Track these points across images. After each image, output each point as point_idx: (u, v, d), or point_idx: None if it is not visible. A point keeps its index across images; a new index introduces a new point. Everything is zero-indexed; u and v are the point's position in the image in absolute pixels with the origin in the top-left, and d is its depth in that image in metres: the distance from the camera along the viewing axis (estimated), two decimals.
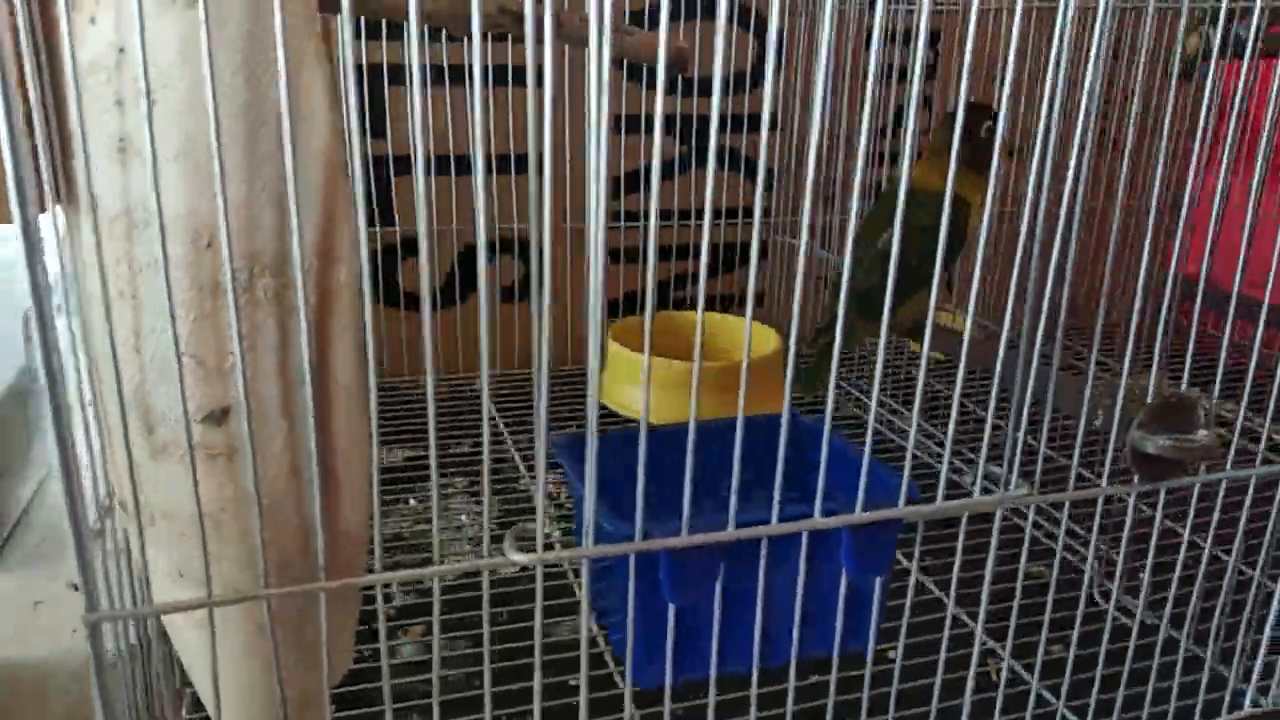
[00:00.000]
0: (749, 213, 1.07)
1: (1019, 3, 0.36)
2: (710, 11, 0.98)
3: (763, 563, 0.38)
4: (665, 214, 1.04)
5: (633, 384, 0.92)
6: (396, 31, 0.91)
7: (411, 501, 0.84)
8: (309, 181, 0.32)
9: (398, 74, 0.92)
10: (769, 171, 1.06)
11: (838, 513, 0.38)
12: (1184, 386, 0.44)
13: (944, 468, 0.40)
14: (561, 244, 1.02)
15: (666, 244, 1.05)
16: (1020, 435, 0.41)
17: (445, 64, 0.92)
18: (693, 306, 1.09)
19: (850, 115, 1.02)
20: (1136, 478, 0.42)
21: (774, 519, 0.37)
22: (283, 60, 0.28)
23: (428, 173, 0.95)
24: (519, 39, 0.76)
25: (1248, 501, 0.48)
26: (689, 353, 1.04)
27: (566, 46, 0.73)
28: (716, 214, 1.06)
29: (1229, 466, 0.46)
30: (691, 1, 0.97)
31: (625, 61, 0.93)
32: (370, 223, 0.95)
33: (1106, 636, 0.51)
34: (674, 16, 0.97)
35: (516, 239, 1.01)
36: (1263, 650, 0.53)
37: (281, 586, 0.33)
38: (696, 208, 1.05)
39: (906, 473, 0.39)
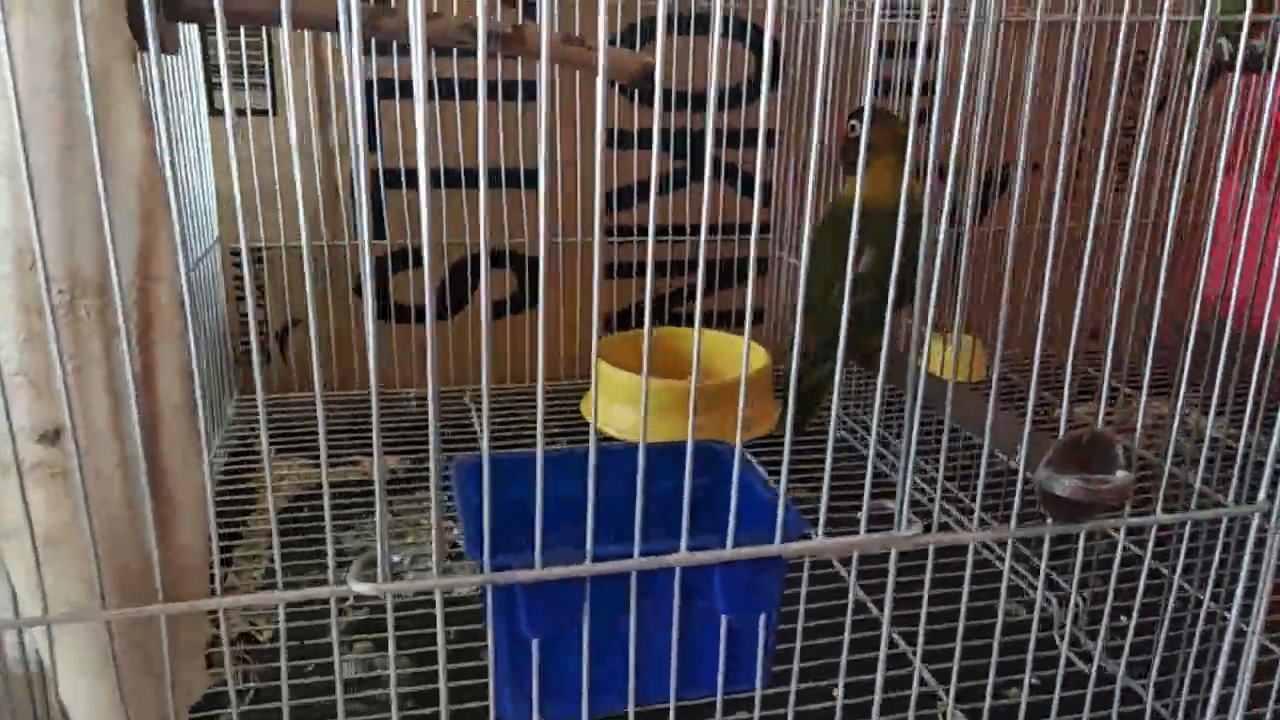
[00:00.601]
0: (745, 228, 1.05)
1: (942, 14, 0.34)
2: (704, 25, 0.97)
3: (634, 599, 0.37)
4: (660, 229, 1.03)
5: (622, 404, 0.90)
6: (385, 46, 0.92)
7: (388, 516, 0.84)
8: (125, 203, 0.31)
9: (389, 88, 0.92)
10: (765, 186, 1.04)
11: (709, 548, 0.37)
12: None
13: (865, 498, 0.38)
14: (554, 258, 1.01)
15: (661, 259, 1.04)
16: (909, 469, 0.39)
17: (434, 78, 0.92)
18: (689, 323, 1.07)
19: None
20: (1049, 519, 0.40)
21: (635, 553, 0.36)
22: (88, 83, 0.28)
23: (414, 186, 0.96)
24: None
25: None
26: (682, 371, 1.03)
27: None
28: (712, 229, 1.04)
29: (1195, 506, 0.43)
30: (685, 15, 0.96)
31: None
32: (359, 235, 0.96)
33: (1059, 683, 0.48)
34: (668, 30, 0.96)
35: (509, 252, 1.01)
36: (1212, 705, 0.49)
37: (121, 608, 0.33)
38: (692, 223, 1.03)
39: (781, 508, 0.37)
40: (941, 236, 0.38)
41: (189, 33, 0.85)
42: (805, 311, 0.74)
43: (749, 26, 0.98)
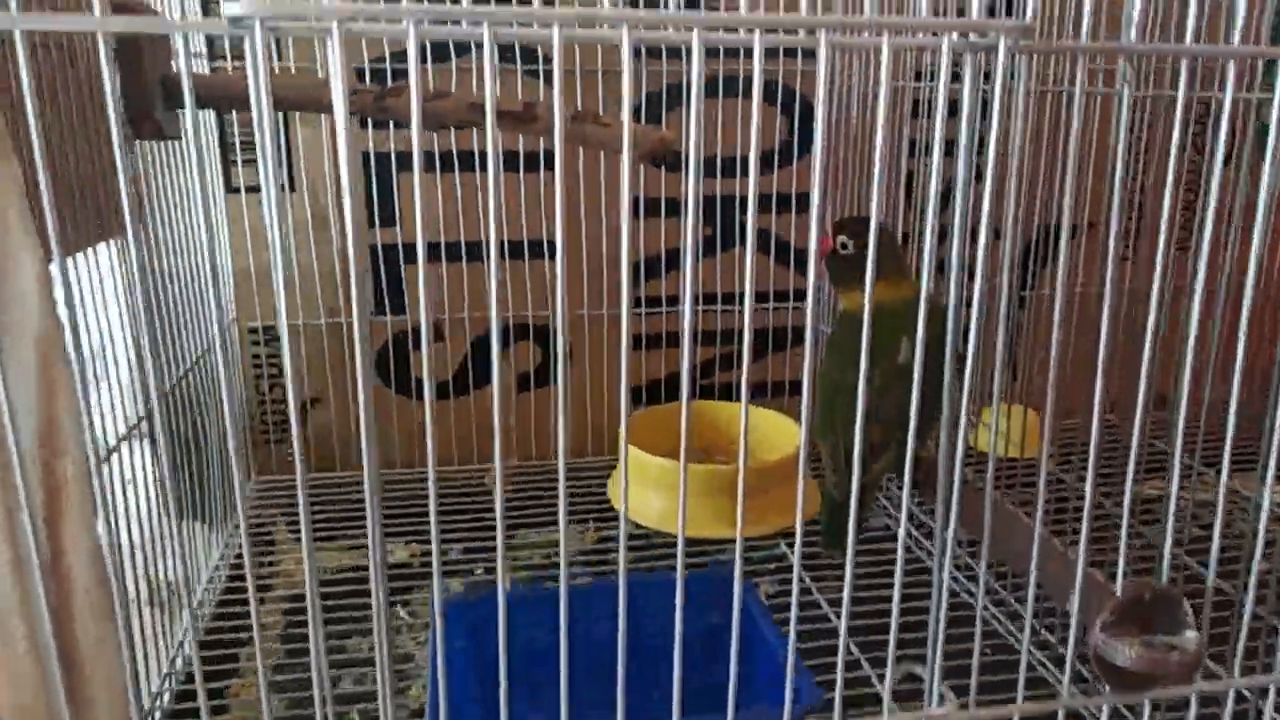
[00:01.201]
0: (780, 296, 1.00)
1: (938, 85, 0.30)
2: (732, 89, 0.93)
3: None
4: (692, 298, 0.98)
5: (654, 490, 0.85)
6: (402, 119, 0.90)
7: (402, 613, 0.79)
8: (23, 368, 0.28)
9: (407, 161, 0.90)
10: (803, 253, 1.00)
11: None
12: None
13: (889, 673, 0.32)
14: (581, 331, 0.98)
15: (693, 329, 1.00)
16: (940, 639, 0.33)
17: (454, 149, 0.90)
18: (722, 395, 1.02)
19: (897, 192, 0.95)
20: (1106, 689, 0.34)
21: None
22: None
23: (434, 260, 0.93)
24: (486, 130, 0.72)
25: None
26: (717, 448, 0.98)
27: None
28: (742, 298, 1.00)
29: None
30: (712, 78, 0.93)
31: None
32: (380, 311, 0.93)
33: None
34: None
35: (533, 325, 0.97)
36: None
37: None
38: (724, 292, 0.99)
39: (788, 683, 0.32)
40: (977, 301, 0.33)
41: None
42: (832, 410, 0.69)
43: (780, 87, 0.94)
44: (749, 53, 0.34)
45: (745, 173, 0.96)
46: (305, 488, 0.31)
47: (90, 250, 0.60)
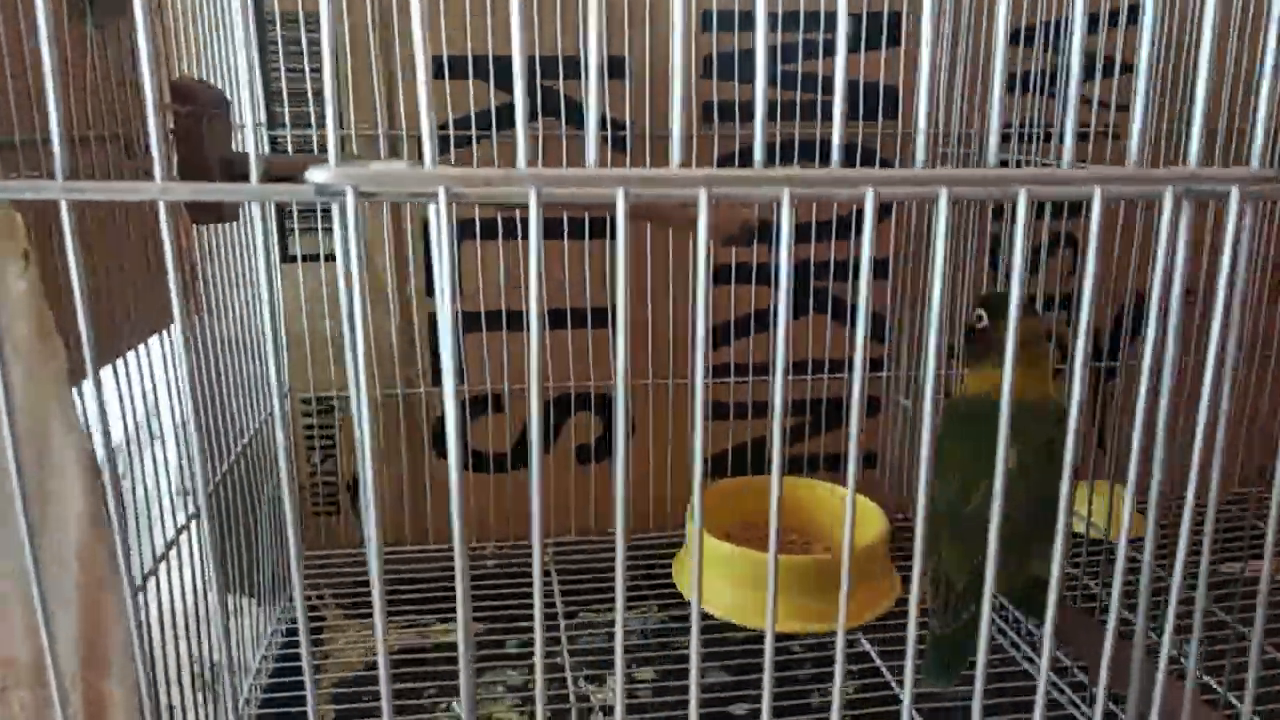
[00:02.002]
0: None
1: None
2: (809, 152, 0.89)
3: None
4: (759, 367, 0.94)
5: (722, 578, 0.80)
6: None
7: (456, 706, 0.75)
8: (64, 576, 0.24)
9: (467, 228, 0.87)
10: (877, 318, 0.94)
11: None
12: None
13: None
14: (645, 401, 0.93)
15: (761, 399, 0.95)
16: None
17: (517, 217, 0.86)
18: (792, 470, 0.97)
19: (979, 255, 0.90)
20: None
21: None
22: (12, 429, 0.21)
23: (494, 329, 0.89)
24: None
25: None
26: (784, 530, 0.92)
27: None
28: (818, 366, 0.95)
29: None
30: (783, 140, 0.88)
31: None
32: (437, 383, 0.90)
33: None
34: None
35: (594, 394, 0.93)
36: None
37: None
38: (795, 360, 0.94)
39: None
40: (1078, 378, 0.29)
41: None
42: (933, 534, 0.60)
43: (859, 150, 0.90)
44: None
45: (820, 238, 0.91)
46: (380, 560, 0.27)
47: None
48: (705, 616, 0.80)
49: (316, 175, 0.24)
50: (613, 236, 0.88)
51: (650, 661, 0.79)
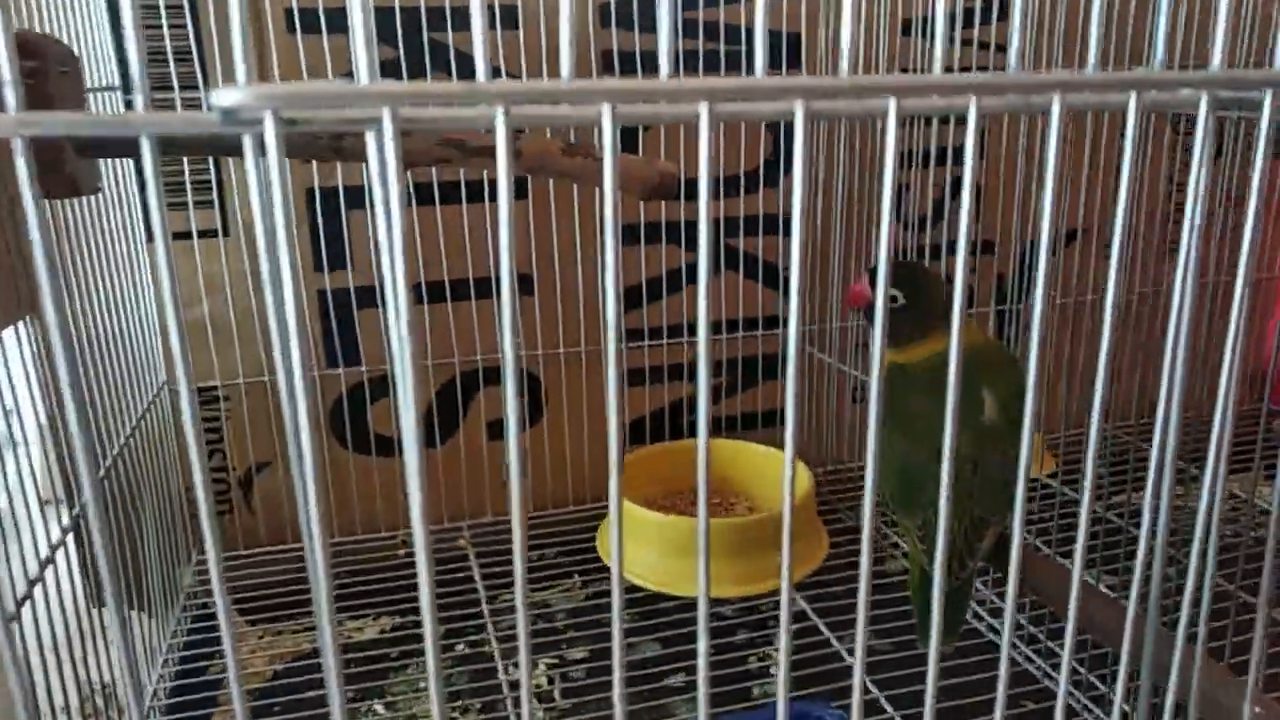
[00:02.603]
0: (770, 323, 0.93)
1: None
2: None
3: None
4: (674, 329, 0.91)
5: (646, 545, 0.78)
6: None
7: (379, 708, 0.70)
8: None
9: (357, 197, 0.80)
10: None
11: None
12: None
13: None
14: (558, 369, 0.89)
15: (676, 362, 0.92)
16: None
17: (410, 184, 0.81)
18: (713, 431, 0.95)
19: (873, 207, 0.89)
20: None
21: None
22: None
23: (380, 304, 0.83)
24: (462, 166, 0.63)
25: None
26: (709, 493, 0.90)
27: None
28: (732, 325, 0.93)
29: None
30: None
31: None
32: (333, 363, 0.84)
33: None
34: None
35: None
36: None
37: None
38: (713, 320, 0.92)
39: None
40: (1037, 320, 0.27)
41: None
42: (913, 494, 0.56)
43: None
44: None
45: (729, 193, 0.89)
46: (326, 557, 0.22)
47: None
48: (634, 589, 0.78)
49: (224, 97, 0.19)
50: (519, 199, 0.83)
51: (580, 641, 0.76)
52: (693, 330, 0.91)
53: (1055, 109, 0.25)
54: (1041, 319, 0.28)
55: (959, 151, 0.92)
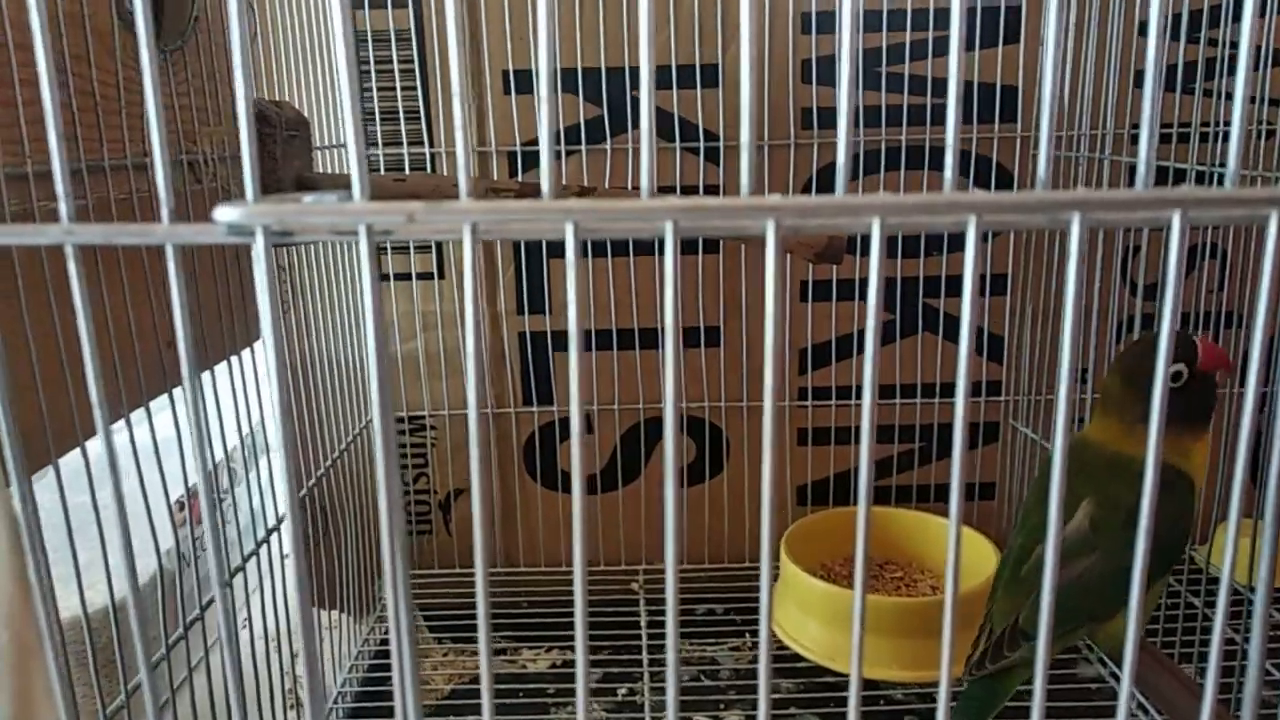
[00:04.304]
0: (972, 390, 0.88)
1: None
2: (918, 159, 0.83)
3: None
4: (861, 390, 0.87)
5: (805, 613, 0.75)
6: None
7: None
8: None
9: (557, 247, 0.84)
10: (997, 339, 0.87)
11: None
12: None
13: None
14: (740, 423, 0.89)
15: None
16: None
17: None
18: (900, 500, 0.91)
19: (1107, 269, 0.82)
20: None
21: None
22: None
23: (586, 349, 0.87)
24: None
25: None
26: (888, 566, 0.86)
27: None
28: (928, 390, 0.88)
29: None
30: (894, 146, 0.83)
31: None
32: (528, 402, 0.88)
33: None
34: (884, 165, 0.83)
35: (686, 417, 0.89)
36: None
37: None
38: (904, 383, 0.88)
39: None
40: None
41: None
42: (999, 575, 0.57)
43: (974, 158, 0.83)
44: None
45: (930, 251, 0.85)
46: (485, 584, 0.24)
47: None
48: (800, 658, 0.75)
49: (226, 214, 0.21)
50: (707, 253, 0.84)
51: (738, 705, 0.75)
52: (885, 392, 0.88)
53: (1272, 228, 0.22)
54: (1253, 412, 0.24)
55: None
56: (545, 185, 0.24)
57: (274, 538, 0.65)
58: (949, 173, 0.25)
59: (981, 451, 0.89)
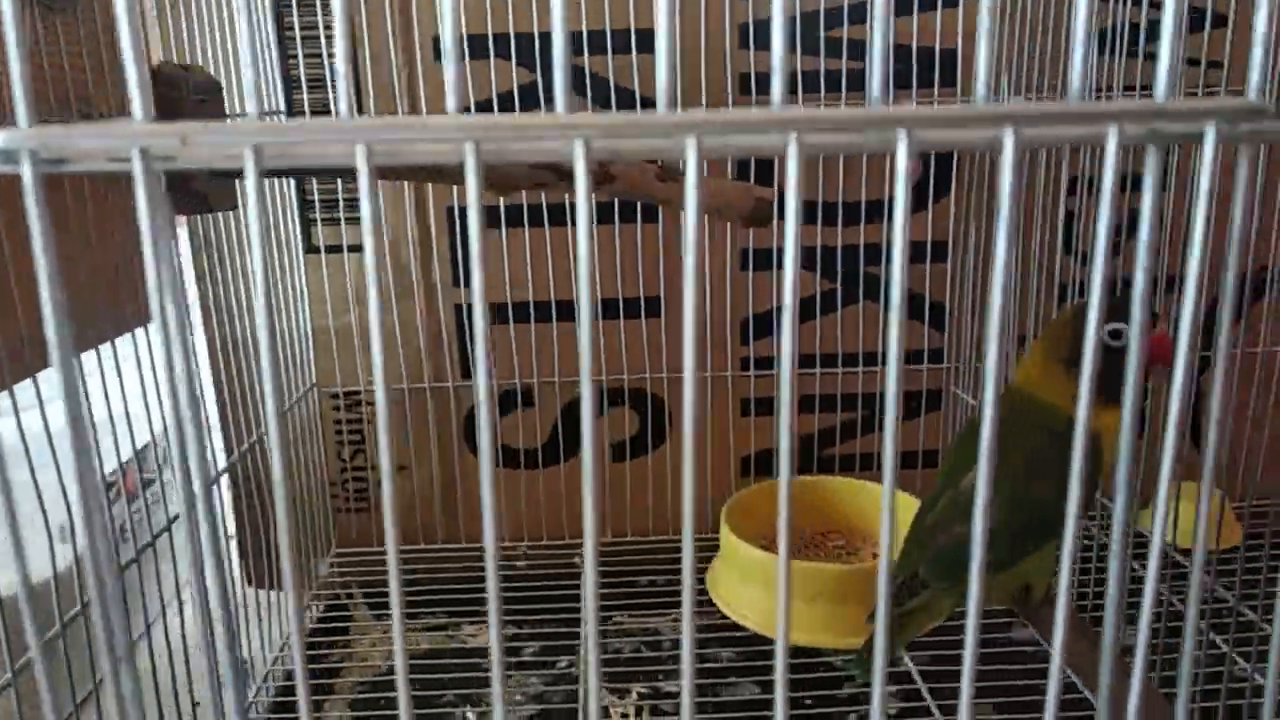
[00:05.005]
0: (914, 357, 0.88)
1: None
2: None
3: None
4: (806, 359, 0.87)
5: (744, 581, 0.75)
6: None
7: (470, 715, 0.72)
8: None
9: (493, 216, 0.83)
10: (937, 308, 0.87)
11: None
12: None
13: None
14: (679, 394, 0.88)
15: (809, 393, 0.88)
16: None
17: (544, 203, 0.82)
18: (844, 469, 0.90)
19: (1047, 236, 0.81)
20: None
21: None
22: None
23: (522, 320, 0.86)
24: (557, 189, 0.64)
25: None
26: (830, 534, 0.86)
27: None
28: (871, 358, 0.88)
29: None
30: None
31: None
32: (467, 375, 0.87)
33: None
34: None
35: (628, 389, 0.88)
36: None
37: None
38: (845, 352, 0.87)
39: None
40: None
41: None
42: (914, 523, 0.58)
43: None
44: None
45: (870, 218, 0.84)
46: (396, 561, 0.23)
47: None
48: (739, 628, 0.75)
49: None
50: (647, 221, 0.83)
51: (677, 674, 0.75)
52: (827, 361, 0.87)
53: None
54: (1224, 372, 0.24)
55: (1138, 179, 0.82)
56: (451, 101, 0.23)
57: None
58: (877, 91, 0.24)
59: (924, 419, 0.89)
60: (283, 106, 0.78)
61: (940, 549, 0.54)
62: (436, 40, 0.79)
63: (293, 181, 0.80)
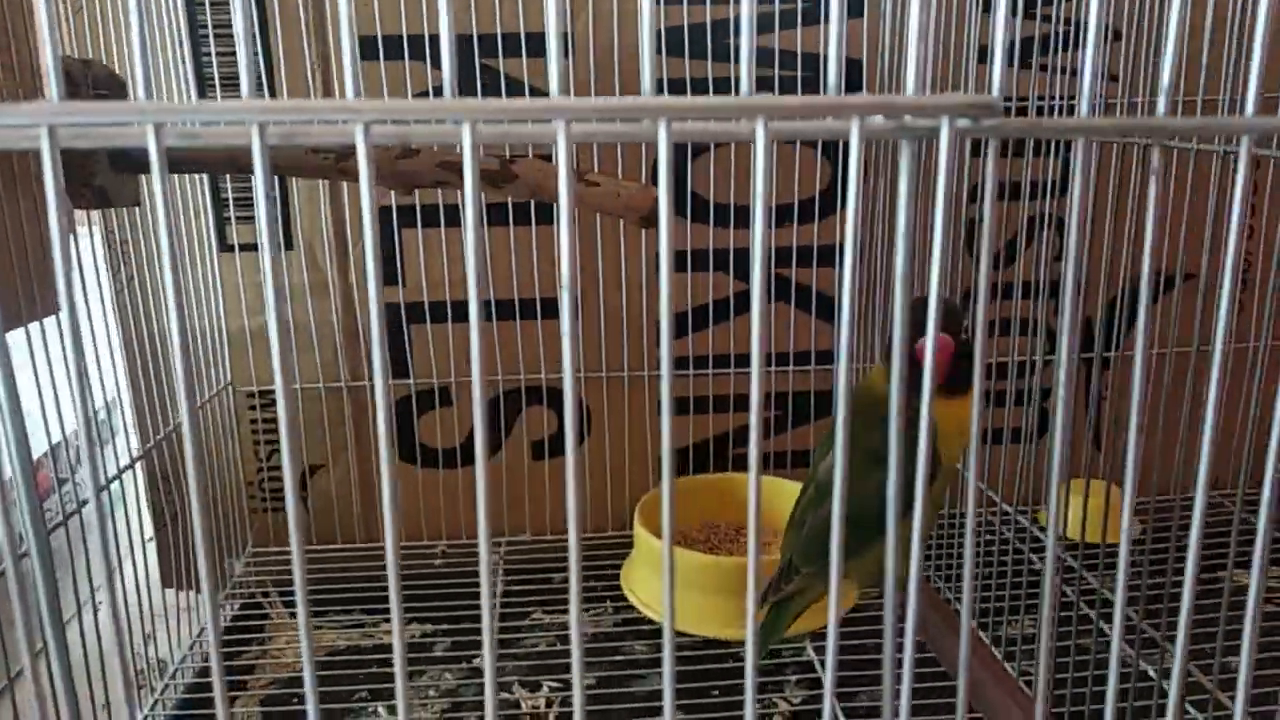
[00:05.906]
0: (823, 357, 0.90)
1: None
2: None
3: None
4: (721, 359, 0.89)
5: (656, 576, 0.77)
6: None
7: (381, 710, 0.72)
8: None
9: (409, 216, 0.84)
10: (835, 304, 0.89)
11: None
12: None
13: None
14: (600, 393, 0.90)
15: (724, 393, 0.90)
16: None
17: (456, 203, 0.83)
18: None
19: (956, 243, 0.84)
20: None
21: None
22: None
23: (441, 319, 0.86)
24: (461, 188, 0.65)
25: None
26: (742, 531, 0.88)
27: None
28: (782, 359, 0.90)
29: None
30: None
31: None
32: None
33: None
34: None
35: (546, 389, 0.89)
36: None
37: None
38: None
39: None
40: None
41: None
42: (790, 513, 0.62)
43: None
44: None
45: (781, 222, 0.87)
46: (303, 563, 0.24)
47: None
48: (651, 621, 0.77)
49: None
50: (546, 221, 0.85)
51: (594, 668, 0.76)
52: (741, 361, 0.89)
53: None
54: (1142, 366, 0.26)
55: (1041, 186, 0.86)
56: (350, 88, 0.24)
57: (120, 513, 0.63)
58: (745, 84, 0.25)
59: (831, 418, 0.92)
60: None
61: (805, 536, 0.57)
62: (364, 41, 0.79)
63: (205, 179, 0.80)
